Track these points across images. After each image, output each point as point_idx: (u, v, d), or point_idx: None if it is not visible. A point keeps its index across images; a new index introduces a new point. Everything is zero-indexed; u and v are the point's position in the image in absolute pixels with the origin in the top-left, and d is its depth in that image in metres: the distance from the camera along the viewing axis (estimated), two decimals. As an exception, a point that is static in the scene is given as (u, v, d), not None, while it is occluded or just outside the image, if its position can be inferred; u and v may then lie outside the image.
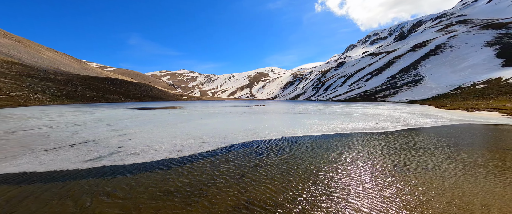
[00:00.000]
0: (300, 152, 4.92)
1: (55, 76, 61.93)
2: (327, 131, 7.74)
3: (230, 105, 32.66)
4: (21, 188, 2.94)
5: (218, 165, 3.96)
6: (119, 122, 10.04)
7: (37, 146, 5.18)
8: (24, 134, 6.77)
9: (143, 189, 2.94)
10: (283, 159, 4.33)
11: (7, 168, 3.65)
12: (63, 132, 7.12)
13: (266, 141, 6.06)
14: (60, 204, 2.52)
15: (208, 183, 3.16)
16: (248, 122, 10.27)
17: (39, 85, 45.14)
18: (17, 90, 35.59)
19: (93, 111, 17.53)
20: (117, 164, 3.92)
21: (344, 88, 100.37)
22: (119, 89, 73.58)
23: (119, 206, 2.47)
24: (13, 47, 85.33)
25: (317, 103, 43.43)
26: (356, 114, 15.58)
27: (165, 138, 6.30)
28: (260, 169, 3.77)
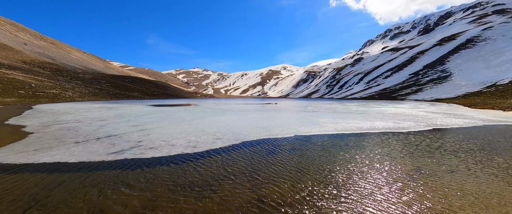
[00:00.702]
0: (313, 151, 4.81)
1: (83, 75, 67.24)
2: (342, 130, 7.47)
3: (242, 103, 32.95)
4: (55, 176, 3.26)
5: (230, 162, 4.02)
6: (139, 118, 10.65)
7: (68, 139, 5.70)
8: (58, 128, 7.48)
9: (160, 181, 3.09)
10: (295, 158, 4.27)
11: (44, 158, 4.07)
12: (90, 127, 7.74)
13: (278, 139, 6.02)
14: (87, 192, 2.75)
15: (220, 178, 3.23)
16: (260, 120, 10.28)
17: (69, 83, 49.32)
18: (51, 88, 39.25)
19: (116, 107, 18.78)
20: (137, 157, 4.17)
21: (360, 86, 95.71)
22: (138, 87, 77.84)
23: (138, 197, 2.63)
24: (47, 49, 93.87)
25: (331, 102, 42.03)
26: (374, 112, 14.82)
27: (181, 134, 6.55)
28: (272, 167, 3.76)
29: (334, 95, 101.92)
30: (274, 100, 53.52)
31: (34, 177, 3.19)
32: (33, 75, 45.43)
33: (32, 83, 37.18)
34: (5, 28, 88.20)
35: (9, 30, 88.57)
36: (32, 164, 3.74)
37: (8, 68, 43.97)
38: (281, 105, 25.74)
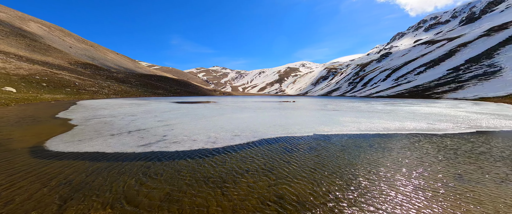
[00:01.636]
0: (334, 151, 4.62)
1: (116, 74, 74.19)
2: (365, 130, 7.01)
3: (259, 101, 33.05)
4: (95, 164, 3.68)
5: (248, 158, 4.08)
6: (164, 114, 11.42)
7: (105, 131, 6.39)
8: (96, 121, 8.43)
9: (184, 173, 3.28)
10: (314, 157, 4.16)
11: (85, 148, 4.63)
12: (122, 121, 8.55)
13: (296, 137, 5.91)
14: (123, 180, 3.05)
15: (238, 175, 3.30)
16: (277, 117, 10.21)
17: (105, 82, 54.89)
18: (91, 86, 44.19)
19: (144, 104, 20.41)
20: (163, 150, 4.49)
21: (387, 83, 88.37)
22: (163, 85, 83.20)
23: (165, 187, 2.84)
24: (88, 51, 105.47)
25: (354, 100, 39.65)
26: (403, 112, 13.58)
27: (201, 129, 6.85)
28: (289, 165, 3.72)
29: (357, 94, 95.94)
30: (292, 98, 52.51)
31: (77, 164, 3.65)
32: (77, 74, 51.72)
33: (76, 82, 42.38)
34: (55, 34, 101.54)
35: (58, 35, 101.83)
36: (77, 153, 4.29)
37: (58, 69, 50.76)
38: (299, 104, 25.15)
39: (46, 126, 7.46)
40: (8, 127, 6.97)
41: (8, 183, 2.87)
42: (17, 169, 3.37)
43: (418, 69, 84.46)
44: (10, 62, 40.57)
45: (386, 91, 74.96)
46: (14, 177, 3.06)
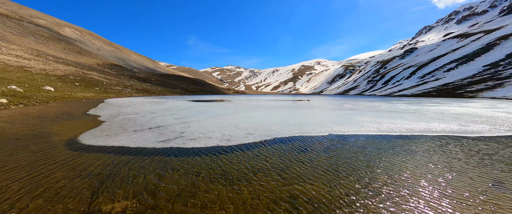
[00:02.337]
0: (351, 152, 4.43)
1: (138, 74, 79.00)
2: (386, 131, 6.61)
3: (273, 100, 32.88)
4: (120, 157, 3.98)
5: (262, 156, 4.10)
6: (181, 112, 11.92)
7: (129, 127, 6.87)
8: (121, 118, 9.10)
9: (199, 169, 3.41)
10: (329, 158, 4.03)
11: (112, 142, 5.02)
12: (144, 118, 9.11)
13: (311, 137, 5.78)
14: (144, 173, 3.26)
15: (253, 172, 3.33)
16: (291, 116, 10.07)
17: (128, 81, 58.79)
18: (116, 85, 47.65)
19: (162, 102, 21.50)
20: (180, 147, 4.70)
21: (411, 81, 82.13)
22: (180, 84, 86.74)
23: (183, 181, 2.97)
24: (113, 53, 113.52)
25: (374, 99, 37.51)
26: (430, 112, 12.52)
27: (216, 127, 7.03)
28: (303, 165, 3.65)
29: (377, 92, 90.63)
30: (307, 97, 51.32)
31: (105, 156, 3.98)
32: (104, 75, 56.19)
33: (104, 82, 46.08)
34: (86, 38, 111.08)
35: (88, 39, 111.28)
36: (105, 146, 4.68)
37: (88, 69, 55.63)
38: (314, 103, 24.49)
39: (79, 121, 8.25)
40: (48, 122, 7.84)
41: (47, 172, 3.23)
42: (55, 160, 3.78)
43: (448, 65, 77.09)
44: (49, 64, 45.46)
45: (410, 90, 69.67)
46: (52, 167, 3.45)
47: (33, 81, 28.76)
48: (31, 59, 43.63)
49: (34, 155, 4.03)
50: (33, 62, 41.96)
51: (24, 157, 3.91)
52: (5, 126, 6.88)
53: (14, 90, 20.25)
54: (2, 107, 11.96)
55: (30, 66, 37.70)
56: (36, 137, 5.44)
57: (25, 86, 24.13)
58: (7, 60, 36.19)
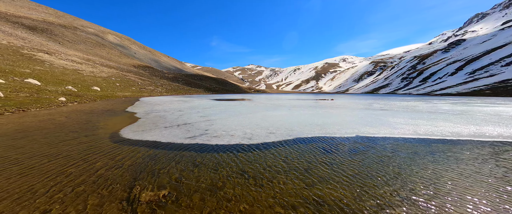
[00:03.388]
0: (381, 156, 4.09)
1: (167, 75, 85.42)
2: (425, 134, 5.91)
3: (294, 99, 32.16)
4: (153, 151, 4.39)
5: (283, 156, 4.07)
6: (205, 110, 12.54)
7: (160, 124, 7.52)
8: (154, 115, 10.00)
9: (223, 166, 3.55)
10: (356, 161, 3.79)
11: (147, 137, 5.57)
12: (173, 116, 9.85)
13: (335, 138, 5.50)
14: (174, 166, 3.54)
15: (274, 171, 3.34)
16: (314, 116, 9.72)
17: (159, 81, 64.04)
18: (149, 85, 52.37)
19: (189, 101, 22.89)
20: (205, 143, 4.97)
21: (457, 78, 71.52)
22: (204, 83, 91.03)
23: (207, 177, 3.15)
24: (147, 56, 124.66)
25: (409, 98, 33.73)
26: (482, 113, 10.73)
27: (238, 126, 7.21)
28: (328, 167, 3.51)
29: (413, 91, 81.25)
30: (330, 96, 48.81)
31: (141, 149, 4.44)
32: (139, 76, 62.36)
33: (139, 82, 51.17)
34: (125, 43, 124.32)
35: (126, 44, 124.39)
36: (141, 140, 5.21)
37: (126, 71, 62.36)
38: (339, 102, 23.18)
39: (120, 117, 9.35)
40: (96, 117, 9.07)
41: (96, 160, 3.75)
42: (102, 151, 4.37)
43: (507, 58, 64.78)
44: (96, 67, 52.40)
45: (456, 87, 60.63)
46: (99, 156, 3.99)
47: (84, 82, 33.53)
48: (82, 63, 50.89)
49: (84, 145, 4.72)
50: (84, 66, 48.89)
51: (77, 147, 4.61)
52: (64, 120, 8.20)
53: (70, 90, 23.93)
54: (62, 104, 14.28)
55: (82, 70, 44.02)
56: (87, 130, 6.37)
57: (78, 86, 28.30)
58: (65, 65, 42.87)
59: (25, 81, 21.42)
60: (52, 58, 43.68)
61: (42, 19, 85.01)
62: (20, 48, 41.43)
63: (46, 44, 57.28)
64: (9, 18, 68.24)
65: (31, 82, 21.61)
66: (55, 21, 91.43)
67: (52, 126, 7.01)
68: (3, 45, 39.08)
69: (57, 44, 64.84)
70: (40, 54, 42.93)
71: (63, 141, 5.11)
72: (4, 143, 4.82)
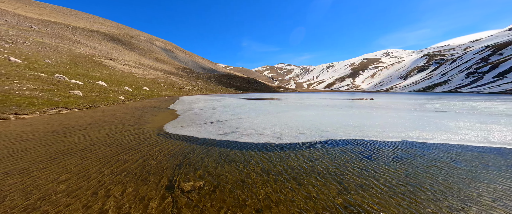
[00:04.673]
0: (437, 166, 3.47)
1: (202, 75, 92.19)
2: (500, 143, 4.72)
3: (326, 98, 30.26)
4: (191, 145, 4.82)
5: (314, 158, 3.89)
6: (235, 109, 13.04)
7: (196, 121, 8.20)
8: (191, 113, 10.97)
9: (253, 163, 3.63)
10: (401, 170, 3.32)
11: (185, 132, 6.15)
12: (207, 113, 10.60)
13: (376, 142, 4.93)
14: (208, 160, 3.81)
15: (304, 172, 3.23)
16: (350, 117, 8.94)
17: (195, 81, 69.67)
18: (187, 86, 57.54)
19: (220, 100, 24.21)
20: (235, 140, 5.18)
21: (557, 71, 54.70)
22: (234, 83, 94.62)
23: (237, 173, 3.27)
24: (185, 59, 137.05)
25: (477, 97, 27.44)
26: None
27: (267, 125, 7.24)
28: (365, 174, 3.18)
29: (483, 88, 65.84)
30: (369, 95, 43.92)
31: (181, 143, 4.93)
32: (179, 77, 69.33)
33: (178, 82, 56.93)
34: (168, 48, 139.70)
35: (170, 49, 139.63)
36: (180, 135, 5.79)
37: (169, 73, 70.15)
38: (380, 102, 20.64)
39: (164, 114, 10.62)
40: (145, 113, 10.53)
41: (143, 150, 4.36)
42: (149, 142, 5.04)
43: None
44: (146, 70, 60.75)
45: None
46: (146, 146, 4.61)
47: (137, 83, 39.34)
48: (136, 67, 59.76)
49: (135, 136, 5.54)
50: (137, 69, 57.35)
51: (129, 137, 5.45)
52: (123, 115, 9.82)
53: (127, 90, 28.45)
54: (121, 102, 17.12)
55: (135, 73, 51.73)
56: (138, 124, 7.46)
57: (132, 87, 33.39)
58: (123, 69, 51.12)
59: (96, 83, 26.53)
60: (115, 64, 52.74)
61: (108, 31, 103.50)
62: (93, 56, 51.50)
63: (110, 52, 69.54)
64: (86, 32, 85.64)
65: (100, 84, 26.64)
66: (117, 32, 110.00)
67: (113, 119, 8.50)
68: (82, 54, 49.33)
69: (118, 52, 77.86)
70: (106, 61, 52.38)
71: (119, 132, 6.13)
72: (80, 132, 6.10)
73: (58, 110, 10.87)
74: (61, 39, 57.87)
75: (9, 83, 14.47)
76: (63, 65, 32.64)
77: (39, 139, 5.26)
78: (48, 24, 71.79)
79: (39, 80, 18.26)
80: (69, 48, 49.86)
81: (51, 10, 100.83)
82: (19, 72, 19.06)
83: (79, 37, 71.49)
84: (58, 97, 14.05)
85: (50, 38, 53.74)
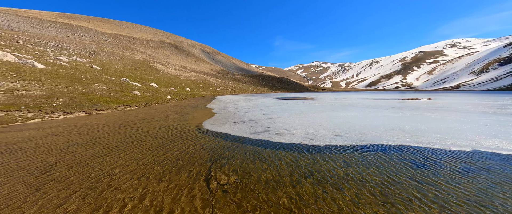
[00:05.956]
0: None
1: (235, 76, 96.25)
2: None
3: (368, 98, 27.08)
4: (225, 142, 5.12)
5: (353, 164, 3.55)
6: (267, 108, 13.12)
7: (230, 119, 8.65)
8: (225, 111, 11.63)
9: (284, 163, 3.59)
10: (471, 188, 2.68)
11: (220, 129, 6.57)
12: (240, 112, 11.03)
13: (434, 151, 4.14)
14: (241, 157, 3.98)
15: (340, 178, 2.99)
16: (399, 120, 7.76)
17: (229, 82, 73.28)
18: (222, 86, 61.08)
19: (253, 99, 24.76)
20: (267, 139, 5.22)
21: None
22: (266, 83, 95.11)
23: (270, 171, 3.30)
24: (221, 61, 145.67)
25: None
26: None
27: (299, 125, 7.02)
28: (419, 187, 2.71)
29: None
30: (426, 95, 36.94)
31: (217, 139, 5.30)
32: (215, 78, 74.38)
33: (215, 83, 61.12)
34: (206, 51, 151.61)
35: (209, 52, 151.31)
36: (216, 132, 6.22)
37: (206, 75, 76.10)
38: (441, 102, 17.11)
39: (202, 112, 11.61)
40: (187, 111, 11.75)
41: (184, 144, 4.86)
42: (189, 137, 5.61)
43: None
44: (188, 72, 67.66)
45: None
46: (187, 141, 5.14)
47: (180, 84, 44.25)
48: (180, 70, 67.28)
49: (178, 131, 6.24)
50: (180, 72, 64.49)
51: (172, 131, 6.17)
52: (169, 112, 11.23)
53: (173, 90, 32.33)
54: (168, 101, 19.60)
55: (179, 75, 58.27)
56: (181, 121, 8.39)
57: (177, 88, 37.72)
58: (170, 72, 58.30)
59: (150, 84, 31.15)
60: (164, 68, 60.74)
61: (159, 40, 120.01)
62: (148, 62, 60.65)
63: (161, 58, 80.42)
64: (143, 42, 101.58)
65: (153, 86, 31.15)
66: (166, 40, 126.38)
67: (162, 116, 9.81)
68: (140, 60, 58.78)
69: (166, 57, 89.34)
70: (158, 65, 60.84)
71: (164, 126, 7.03)
72: (136, 125, 7.28)
73: (124, 107, 13.28)
74: (126, 49, 70.31)
75: (92, 86, 18.53)
76: (127, 70, 39.61)
77: (109, 130, 6.56)
78: (117, 37, 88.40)
79: (111, 83, 22.70)
80: (131, 56, 60.12)
81: (119, 25, 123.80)
82: (98, 77, 24.15)
83: (138, 47, 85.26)
84: (123, 97, 17.16)
85: (118, 49, 66.00)
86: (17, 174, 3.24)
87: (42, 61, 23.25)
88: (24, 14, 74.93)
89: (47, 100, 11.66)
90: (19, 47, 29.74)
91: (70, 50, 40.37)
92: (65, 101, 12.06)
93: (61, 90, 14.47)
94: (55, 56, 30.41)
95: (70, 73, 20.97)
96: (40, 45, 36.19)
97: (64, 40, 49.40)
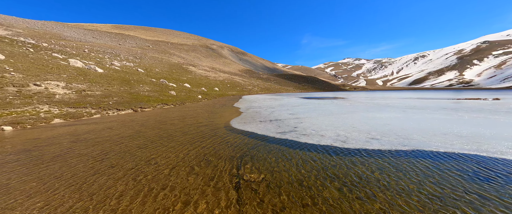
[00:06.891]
0: None
1: (261, 75, 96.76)
2: None
3: (412, 97, 23.77)
4: (253, 140, 5.21)
5: (393, 170, 3.18)
6: (294, 108, 12.81)
7: (256, 118, 8.76)
8: (251, 111, 11.83)
9: (312, 165, 3.46)
10: None
11: (247, 128, 6.71)
12: (266, 112, 11.06)
13: (503, 162, 3.37)
14: (268, 156, 3.99)
15: (377, 187, 2.71)
16: (454, 123, 6.59)
17: (255, 81, 74.09)
18: (248, 86, 62.25)
19: (278, 99, 24.50)
20: (294, 140, 5.10)
21: None
22: (293, 82, 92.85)
23: (297, 171, 3.22)
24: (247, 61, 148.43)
25: None
26: None
27: (329, 126, 6.63)
28: (481, 202, 2.25)
29: None
30: (491, 94, 30.24)
31: (243, 137, 5.44)
32: (242, 78, 76.30)
33: (241, 83, 62.72)
34: (233, 52, 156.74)
35: (236, 53, 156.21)
36: (243, 130, 6.39)
37: (233, 75, 78.67)
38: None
39: (230, 111, 12.08)
40: (216, 110, 12.38)
41: (212, 140, 5.13)
42: (217, 134, 5.89)
43: None
44: (216, 73, 71.25)
45: None
46: (215, 138, 5.41)
47: (210, 84, 46.94)
48: (209, 71, 71.39)
49: (207, 128, 6.62)
50: (210, 73, 68.39)
51: (202, 128, 6.57)
52: (200, 111, 12.04)
53: (203, 90, 34.54)
54: (199, 100, 21.04)
55: (209, 76, 61.86)
56: (210, 119, 8.90)
57: (207, 87, 40.14)
58: (201, 73, 62.40)
59: (183, 85, 33.97)
60: (195, 69, 65.41)
61: (191, 43, 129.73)
62: (182, 64, 66.24)
63: (193, 60, 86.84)
64: (178, 46, 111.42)
65: (186, 86, 33.88)
66: (197, 43, 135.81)
67: (193, 114, 10.59)
68: (175, 63, 64.66)
69: (198, 59, 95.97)
70: (190, 67, 65.87)
71: (195, 123, 7.55)
72: (171, 122, 8.01)
73: (162, 105, 14.84)
74: (164, 53, 78.23)
75: (138, 86, 21.24)
76: (165, 72, 44.07)
77: (150, 125, 7.42)
78: (157, 42, 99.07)
79: (152, 84, 25.60)
80: (168, 59, 66.65)
81: (159, 32, 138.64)
82: (142, 78, 27.53)
83: (174, 50, 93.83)
84: (162, 96, 19.18)
85: (157, 53, 73.90)
86: (81, 158, 3.96)
87: (101, 66, 27.81)
88: (89, 28, 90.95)
89: (105, 99, 13.91)
90: (85, 55, 36.29)
91: (121, 56, 47.17)
92: (118, 100, 14.16)
93: (115, 91, 17.05)
94: (110, 61, 36.02)
95: (121, 76, 24.51)
96: (99, 53, 43.39)
97: (117, 48, 58.01)
